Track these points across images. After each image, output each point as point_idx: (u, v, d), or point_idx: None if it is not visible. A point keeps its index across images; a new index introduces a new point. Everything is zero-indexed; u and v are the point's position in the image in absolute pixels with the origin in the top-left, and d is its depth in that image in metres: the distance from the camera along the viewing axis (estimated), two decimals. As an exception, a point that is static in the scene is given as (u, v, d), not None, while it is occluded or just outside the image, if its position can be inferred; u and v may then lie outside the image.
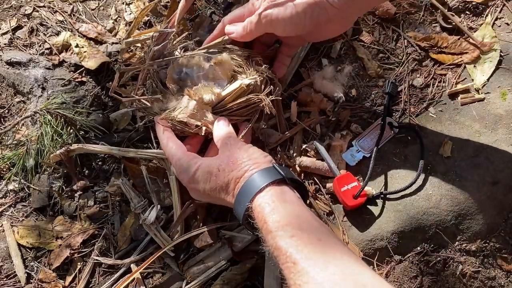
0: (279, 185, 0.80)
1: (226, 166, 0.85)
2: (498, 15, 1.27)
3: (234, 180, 0.84)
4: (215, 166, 0.87)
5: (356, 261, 0.68)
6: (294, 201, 0.78)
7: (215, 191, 0.87)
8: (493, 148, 1.10)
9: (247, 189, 0.80)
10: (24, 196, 1.17)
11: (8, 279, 1.10)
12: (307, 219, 0.75)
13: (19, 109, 1.25)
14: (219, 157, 0.89)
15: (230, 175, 0.84)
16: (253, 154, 0.86)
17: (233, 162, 0.85)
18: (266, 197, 0.78)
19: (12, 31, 1.32)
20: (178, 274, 1.06)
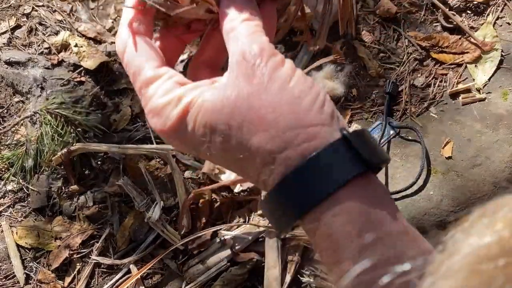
0: (362, 181, 0.37)
1: (245, 123, 0.38)
2: (499, 15, 1.26)
3: (264, 158, 0.38)
4: (223, 117, 0.38)
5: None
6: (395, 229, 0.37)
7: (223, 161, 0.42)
8: (494, 148, 1.10)
9: (294, 190, 0.38)
10: (23, 196, 1.17)
11: (7, 280, 1.10)
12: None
13: (18, 109, 1.25)
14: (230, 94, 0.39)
15: (256, 143, 0.38)
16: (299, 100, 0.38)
17: (260, 116, 0.38)
18: (343, 221, 0.36)
19: (11, 31, 1.31)
20: (178, 275, 1.06)
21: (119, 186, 1.13)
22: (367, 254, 0.34)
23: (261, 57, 0.38)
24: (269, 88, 0.38)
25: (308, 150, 0.36)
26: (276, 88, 0.38)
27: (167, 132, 0.40)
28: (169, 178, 1.13)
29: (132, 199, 1.11)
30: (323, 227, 0.36)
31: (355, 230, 0.35)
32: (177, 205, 1.10)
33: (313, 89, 0.38)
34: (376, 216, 0.36)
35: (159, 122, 0.40)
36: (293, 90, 0.38)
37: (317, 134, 0.37)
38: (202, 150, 0.39)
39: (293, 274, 1.03)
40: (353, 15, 0.51)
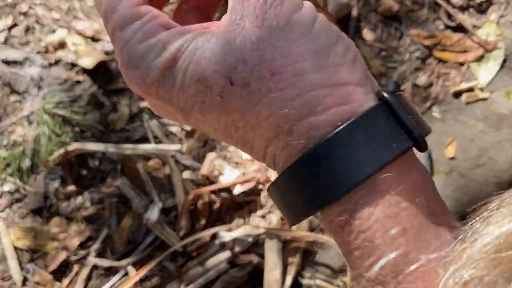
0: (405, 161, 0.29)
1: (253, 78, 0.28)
2: (502, 13, 1.25)
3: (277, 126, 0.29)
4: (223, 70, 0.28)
5: None
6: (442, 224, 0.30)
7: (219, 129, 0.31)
8: (497, 148, 1.09)
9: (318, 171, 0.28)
10: (19, 197, 1.16)
11: (4, 282, 1.09)
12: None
13: (14, 108, 1.23)
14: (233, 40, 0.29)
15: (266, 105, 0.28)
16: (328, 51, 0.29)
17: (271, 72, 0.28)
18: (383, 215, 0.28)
19: (7, 29, 1.30)
20: (177, 277, 1.05)
21: (117, 187, 1.12)
22: (395, 246, 0.27)
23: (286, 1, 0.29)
24: (287, 33, 0.28)
25: (340, 117, 0.27)
26: (296, 34, 0.28)
27: (147, 88, 0.30)
28: (167, 178, 1.12)
29: (130, 200, 1.10)
30: (356, 221, 0.28)
31: (398, 227, 0.27)
32: (176, 207, 1.09)
33: (341, 38, 0.30)
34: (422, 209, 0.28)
35: (136, 75, 0.30)
36: (318, 38, 0.28)
37: (349, 96, 0.28)
38: (193, 114, 0.30)
39: (293, 276, 1.02)
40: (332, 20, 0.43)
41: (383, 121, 0.28)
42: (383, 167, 0.27)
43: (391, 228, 0.27)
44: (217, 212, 1.09)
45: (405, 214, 0.28)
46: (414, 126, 0.28)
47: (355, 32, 1.25)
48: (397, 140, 0.28)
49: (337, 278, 1.00)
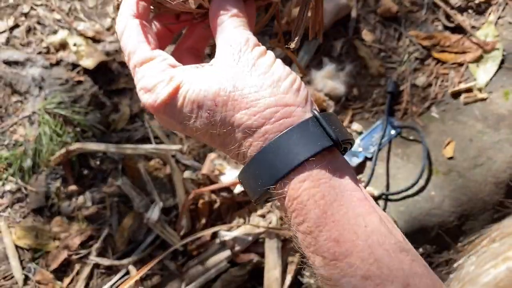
0: (329, 156, 0.43)
1: (230, 100, 0.44)
2: (500, 14, 1.25)
3: (244, 132, 0.44)
4: (210, 95, 0.44)
5: None
6: (354, 195, 0.43)
7: (207, 135, 0.46)
8: (496, 148, 1.09)
9: (270, 160, 0.43)
10: (21, 196, 1.16)
11: (5, 281, 1.09)
12: (381, 238, 0.42)
13: (16, 108, 1.24)
14: (217, 75, 0.45)
15: (238, 118, 0.44)
16: (280, 82, 0.45)
17: (243, 95, 0.44)
18: (311, 184, 0.42)
19: (9, 30, 1.30)
20: (177, 276, 1.05)
21: (118, 186, 1.12)
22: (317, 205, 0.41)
23: (247, 45, 0.45)
24: (253, 71, 0.44)
25: (284, 126, 0.43)
26: (259, 72, 0.44)
27: (157, 107, 0.45)
28: (168, 178, 1.12)
29: (131, 199, 1.10)
30: (291, 191, 0.42)
31: (319, 193, 0.41)
32: (177, 206, 1.10)
33: (291, 75, 0.45)
34: (339, 184, 0.42)
35: (151, 97, 0.45)
36: (273, 75, 0.44)
37: (292, 112, 0.43)
38: (189, 125, 0.45)
39: (293, 275, 1.02)
40: (323, 23, 0.57)
41: (312, 128, 0.43)
42: (310, 156, 0.42)
43: (315, 194, 0.41)
44: (217, 211, 1.09)
45: (324, 185, 0.42)
46: (332, 132, 0.43)
47: (354, 33, 1.25)
48: (321, 141, 0.42)
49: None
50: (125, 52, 0.48)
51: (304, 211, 0.42)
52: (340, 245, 0.41)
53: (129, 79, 1.19)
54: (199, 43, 0.53)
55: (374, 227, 0.42)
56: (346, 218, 0.42)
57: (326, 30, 1.23)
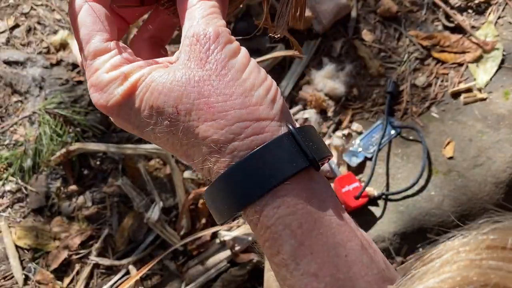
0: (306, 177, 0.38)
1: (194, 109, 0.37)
2: (500, 14, 1.25)
3: (210, 146, 0.37)
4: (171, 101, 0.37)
5: None
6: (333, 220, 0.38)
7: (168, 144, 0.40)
8: (495, 148, 1.09)
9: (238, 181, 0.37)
10: (21, 196, 1.16)
11: (6, 281, 1.09)
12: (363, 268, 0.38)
13: (16, 109, 1.24)
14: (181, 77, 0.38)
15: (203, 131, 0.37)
16: (253, 91, 0.38)
17: (210, 104, 0.37)
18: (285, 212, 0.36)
19: (9, 30, 1.30)
20: (177, 276, 1.05)
21: (118, 186, 1.12)
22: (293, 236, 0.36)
23: (217, 42, 0.37)
24: (222, 76, 0.37)
25: (255, 143, 0.36)
26: (229, 78, 0.37)
27: (109, 108, 0.38)
28: (168, 178, 1.12)
29: (131, 199, 1.10)
30: (264, 218, 0.36)
31: (296, 221, 0.36)
32: (177, 206, 1.10)
33: (265, 82, 0.38)
34: (317, 208, 0.37)
35: (102, 98, 0.38)
36: (245, 82, 0.37)
37: (265, 128, 0.37)
38: (146, 131, 0.38)
39: (293, 275, 1.02)
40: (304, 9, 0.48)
41: (287, 146, 0.36)
42: (285, 179, 0.36)
43: (291, 223, 0.36)
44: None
45: (301, 212, 0.36)
46: (310, 151, 0.37)
47: (354, 33, 1.25)
48: (297, 161, 0.36)
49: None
50: (76, 38, 0.40)
51: (279, 241, 0.36)
52: (319, 280, 0.36)
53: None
54: (163, 32, 0.45)
55: (355, 257, 0.37)
56: (326, 249, 0.37)
57: (326, 30, 1.23)
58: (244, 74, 0.38)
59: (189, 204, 1.07)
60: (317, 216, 0.37)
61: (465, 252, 0.30)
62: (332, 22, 1.22)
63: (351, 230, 0.38)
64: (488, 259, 0.29)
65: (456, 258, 0.30)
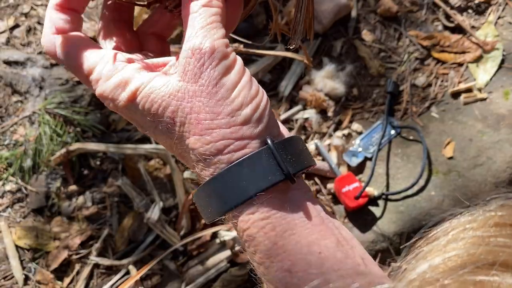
0: (282, 187, 0.42)
1: (189, 118, 0.41)
2: (500, 14, 1.25)
3: (197, 156, 0.43)
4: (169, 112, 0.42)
5: None
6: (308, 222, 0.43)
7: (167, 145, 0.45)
8: (496, 148, 1.09)
9: (219, 190, 0.42)
10: (21, 196, 1.16)
11: (6, 281, 1.09)
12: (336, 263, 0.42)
13: (16, 108, 1.24)
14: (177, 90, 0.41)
15: (192, 142, 0.42)
16: (240, 111, 0.41)
17: (199, 120, 0.41)
18: (261, 218, 0.42)
19: (9, 30, 1.30)
20: (177, 276, 1.05)
21: (118, 186, 1.12)
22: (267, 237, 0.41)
23: (211, 58, 0.40)
24: (213, 94, 0.41)
25: (236, 157, 0.41)
26: (219, 96, 0.41)
27: (118, 111, 0.43)
28: (168, 178, 1.12)
29: (131, 199, 1.10)
30: (241, 223, 0.41)
31: (269, 225, 0.41)
32: (177, 206, 1.10)
33: (255, 100, 0.42)
34: (291, 212, 0.41)
35: (111, 104, 0.42)
36: (234, 101, 0.41)
37: (246, 145, 0.41)
38: (149, 132, 0.43)
39: (293, 275, 1.02)
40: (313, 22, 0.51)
41: (265, 161, 0.40)
42: (260, 191, 0.40)
43: (264, 226, 0.40)
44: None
45: (275, 216, 0.41)
46: (286, 165, 0.40)
47: (354, 33, 1.26)
48: (272, 175, 0.40)
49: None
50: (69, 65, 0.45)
51: (254, 242, 0.41)
52: (293, 275, 0.40)
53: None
54: (166, 31, 0.49)
55: (329, 253, 0.41)
56: (299, 247, 0.41)
57: (326, 30, 1.23)
58: (234, 93, 0.41)
59: (189, 204, 1.07)
60: (290, 219, 0.41)
61: (472, 229, 0.31)
62: (332, 22, 1.22)
63: (327, 229, 0.42)
64: (496, 236, 0.30)
65: (463, 235, 0.31)
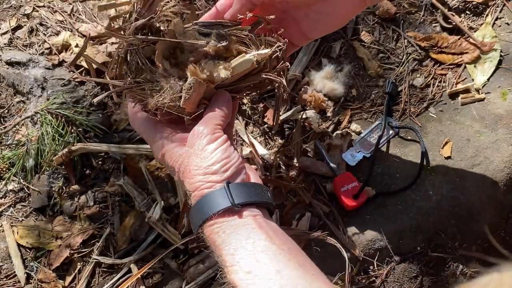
0: (232, 211, 0.70)
1: (185, 168, 0.74)
2: (498, 15, 1.27)
3: (191, 187, 0.74)
4: (177, 165, 0.76)
5: None
6: (249, 226, 0.69)
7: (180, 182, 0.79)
8: (493, 148, 1.10)
9: (199, 209, 0.71)
10: (23, 196, 1.17)
11: (8, 279, 1.10)
12: (264, 247, 0.66)
13: (18, 109, 1.25)
14: (182, 154, 0.76)
15: (187, 181, 0.74)
16: (213, 166, 0.72)
17: (189, 170, 0.73)
18: (216, 226, 0.69)
19: (12, 31, 1.31)
20: (178, 274, 1.06)
21: (120, 185, 1.13)
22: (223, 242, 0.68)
23: (202, 134, 0.74)
24: (199, 155, 0.73)
25: (205, 193, 0.71)
26: (202, 156, 0.73)
27: (158, 159, 0.81)
28: (169, 177, 1.13)
29: (133, 198, 1.11)
30: (206, 232, 0.71)
31: (221, 230, 0.69)
32: (178, 205, 1.11)
33: (224, 160, 0.73)
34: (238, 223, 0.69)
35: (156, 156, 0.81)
36: (210, 160, 0.72)
37: (212, 186, 0.72)
38: (171, 173, 0.84)
39: (293, 273, 1.03)
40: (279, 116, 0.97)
41: (222, 195, 0.70)
42: (216, 212, 0.69)
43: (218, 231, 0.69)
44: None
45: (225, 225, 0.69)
46: (233, 198, 0.70)
47: (353, 34, 1.27)
48: (225, 203, 0.70)
49: (335, 276, 1.02)
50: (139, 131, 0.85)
51: (214, 241, 0.70)
52: (235, 256, 0.66)
53: (131, 80, 1.20)
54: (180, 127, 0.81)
55: (260, 243, 0.67)
56: (239, 240, 0.67)
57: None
58: (212, 155, 0.72)
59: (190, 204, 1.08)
60: (237, 226, 0.69)
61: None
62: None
63: (260, 227, 0.69)
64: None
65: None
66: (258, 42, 0.82)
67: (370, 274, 1.04)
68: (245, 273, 0.64)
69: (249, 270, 0.64)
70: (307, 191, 1.09)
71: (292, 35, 0.88)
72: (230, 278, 0.65)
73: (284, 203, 1.08)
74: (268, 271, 0.63)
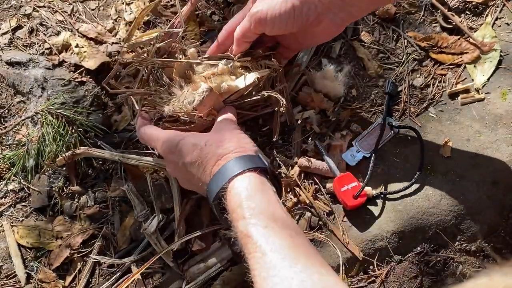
0: (260, 174, 0.81)
1: (213, 142, 0.86)
2: (498, 15, 1.27)
3: (217, 157, 0.84)
4: (203, 140, 0.87)
5: (322, 264, 0.70)
6: (270, 194, 0.79)
7: (193, 166, 0.87)
8: (493, 148, 1.10)
9: (227, 169, 0.81)
10: (24, 196, 1.17)
11: (8, 279, 1.10)
12: (281, 214, 0.75)
13: (19, 109, 1.25)
14: (210, 134, 0.91)
15: (215, 151, 0.84)
16: (243, 139, 0.87)
17: (221, 140, 0.85)
18: (245, 182, 0.78)
19: (12, 31, 1.32)
20: (178, 274, 1.06)
21: (123, 191, 1.13)
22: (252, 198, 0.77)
23: (227, 120, 0.94)
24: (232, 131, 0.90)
25: (236, 155, 0.83)
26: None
27: (170, 150, 0.94)
28: (167, 180, 1.13)
29: (133, 208, 1.11)
30: (227, 191, 0.79)
31: (242, 194, 0.77)
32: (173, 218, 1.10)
33: (241, 136, 0.89)
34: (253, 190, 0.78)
35: (167, 146, 0.94)
36: (244, 136, 0.89)
37: (245, 150, 0.85)
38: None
39: (292, 273, 1.03)
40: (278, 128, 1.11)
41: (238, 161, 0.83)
42: (236, 175, 0.80)
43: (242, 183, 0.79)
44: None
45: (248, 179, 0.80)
46: (266, 163, 0.85)
47: (353, 34, 1.27)
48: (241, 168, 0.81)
49: (336, 276, 1.02)
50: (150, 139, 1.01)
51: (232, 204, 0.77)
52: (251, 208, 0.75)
53: (131, 80, 1.21)
54: None
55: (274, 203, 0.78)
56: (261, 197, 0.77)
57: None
58: (243, 134, 0.92)
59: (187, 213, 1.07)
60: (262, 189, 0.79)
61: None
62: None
63: (279, 203, 0.80)
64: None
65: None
66: (258, 66, 1.04)
67: (370, 274, 1.04)
68: (263, 227, 0.71)
69: (266, 225, 0.71)
70: (307, 191, 1.09)
71: (285, 42, 1.08)
72: (245, 229, 0.72)
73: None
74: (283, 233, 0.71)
